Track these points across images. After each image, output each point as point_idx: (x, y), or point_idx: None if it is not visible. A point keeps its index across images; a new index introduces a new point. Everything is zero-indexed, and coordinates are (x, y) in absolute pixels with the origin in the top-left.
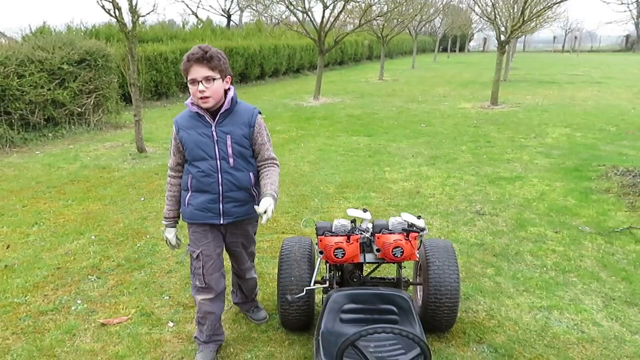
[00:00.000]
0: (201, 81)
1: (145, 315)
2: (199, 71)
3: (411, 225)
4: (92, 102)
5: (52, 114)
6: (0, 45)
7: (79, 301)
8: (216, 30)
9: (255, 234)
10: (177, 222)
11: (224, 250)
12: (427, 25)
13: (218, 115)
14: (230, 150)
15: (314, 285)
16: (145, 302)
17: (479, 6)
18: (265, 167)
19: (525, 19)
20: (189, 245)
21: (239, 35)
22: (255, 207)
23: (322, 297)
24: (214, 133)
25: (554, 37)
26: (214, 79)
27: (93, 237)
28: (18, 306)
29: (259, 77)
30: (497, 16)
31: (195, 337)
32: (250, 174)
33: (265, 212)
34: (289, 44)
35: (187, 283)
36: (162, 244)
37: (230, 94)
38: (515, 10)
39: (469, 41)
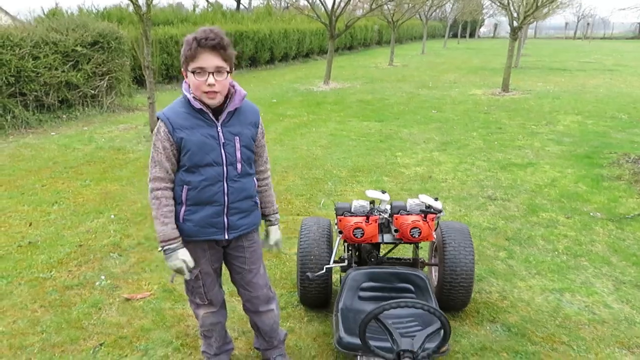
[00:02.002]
0: (212, 73)
1: (167, 291)
2: (211, 60)
3: (429, 206)
4: (105, 85)
5: (66, 96)
6: (15, 27)
7: (102, 277)
8: (226, 13)
9: (262, 251)
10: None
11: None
12: (437, 11)
13: (224, 114)
14: (238, 155)
15: (333, 263)
16: (166, 278)
17: None
18: (267, 178)
19: (538, 4)
20: None
21: (249, 19)
22: (265, 241)
23: (340, 276)
24: (220, 134)
25: (566, 24)
26: (226, 72)
27: (112, 216)
28: (44, 281)
29: (268, 62)
30: (510, 2)
31: (204, 352)
32: (254, 179)
33: (276, 244)
34: (299, 29)
35: None
36: None
37: (240, 90)
38: None
39: (480, 27)
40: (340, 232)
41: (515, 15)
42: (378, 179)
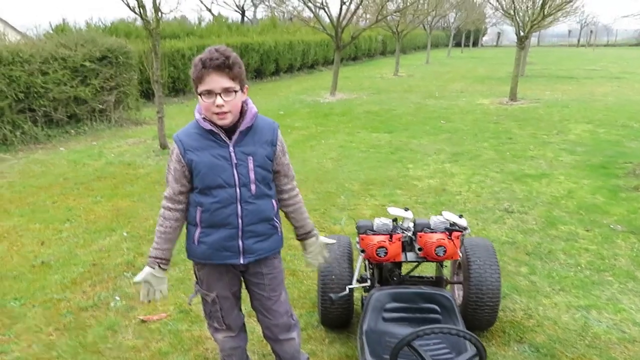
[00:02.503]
0: (220, 94)
1: (183, 312)
2: (217, 81)
3: (453, 224)
4: (113, 99)
5: (74, 111)
6: (24, 43)
7: (117, 297)
8: (232, 26)
9: (284, 276)
10: (166, 266)
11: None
12: (441, 20)
13: (236, 133)
14: (252, 175)
15: (355, 283)
16: (182, 299)
17: (497, 1)
18: (295, 196)
19: (545, 13)
20: (197, 285)
21: (254, 31)
22: (311, 259)
23: (362, 296)
24: (232, 154)
25: (569, 31)
26: (234, 91)
27: (125, 233)
28: (58, 302)
29: (273, 73)
30: (516, 11)
31: None
32: (273, 201)
33: (321, 254)
34: (304, 40)
35: None
36: None
37: (252, 107)
38: (536, 4)
39: (483, 36)
40: (363, 251)
41: (521, 24)
42: (391, 192)
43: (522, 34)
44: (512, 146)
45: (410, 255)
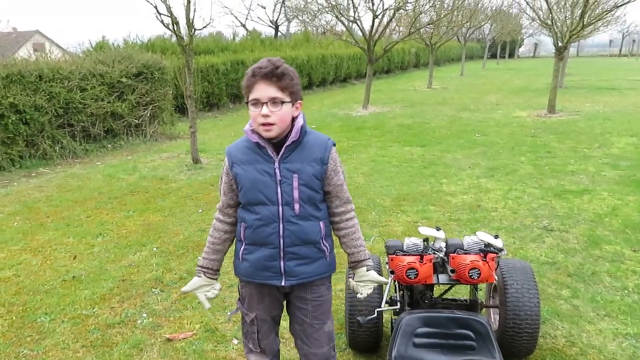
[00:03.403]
0: (266, 103)
1: (209, 331)
2: (264, 90)
3: (488, 245)
4: (148, 114)
5: (111, 126)
6: (65, 60)
7: (144, 315)
8: (265, 41)
9: (331, 305)
10: (213, 276)
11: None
12: (475, 32)
13: (283, 148)
14: (296, 194)
15: (384, 306)
16: (208, 317)
17: (534, 11)
18: (346, 220)
19: (584, 23)
20: (239, 301)
21: (287, 45)
22: (356, 286)
23: (392, 319)
24: (277, 171)
25: (610, 41)
26: (282, 102)
27: (155, 249)
28: (87, 318)
29: (306, 87)
30: (554, 21)
31: None
32: (321, 223)
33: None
34: (336, 54)
35: None
36: None
37: (300, 121)
38: (575, 14)
39: (519, 47)
40: (392, 272)
41: (559, 34)
42: (424, 208)
43: (560, 44)
44: (551, 160)
45: (442, 278)
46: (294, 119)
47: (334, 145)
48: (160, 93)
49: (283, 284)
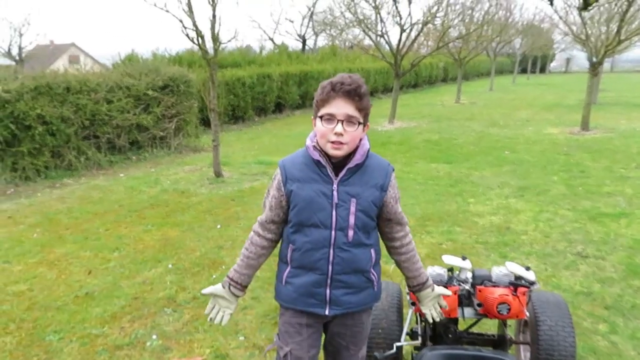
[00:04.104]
0: (342, 121)
1: (220, 356)
2: (343, 107)
3: (519, 277)
4: (173, 126)
5: (136, 138)
6: (92, 72)
7: (154, 336)
8: (292, 55)
9: (369, 331)
10: (239, 292)
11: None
12: (505, 47)
13: (344, 170)
14: (352, 220)
15: (404, 340)
16: (220, 341)
17: (567, 26)
18: (407, 244)
19: (621, 38)
20: (277, 335)
21: (314, 59)
22: (425, 309)
23: (412, 354)
24: (335, 193)
25: None
26: (358, 123)
27: (170, 265)
28: (96, 338)
29: None
30: (589, 36)
31: None
32: (372, 251)
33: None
34: (363, 67)
35: (263, 322)
36: None
37: (366, 144)
38: (610, 29)
39: (550, 62)
40: (413, 304)
41: (594, 50)
42: (449, 229)
43: (595, 59)
44: (585, 180)
45: (468, 311)
46: (359, 141)
47: (394, 170)
48: (186, 106)
49: (327, 313)
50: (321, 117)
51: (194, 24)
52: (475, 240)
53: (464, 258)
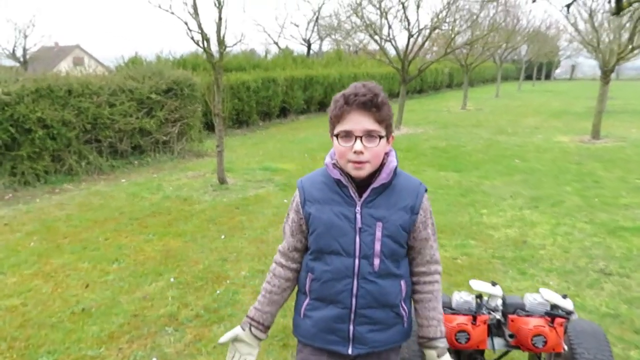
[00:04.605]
0: (360, 137)
1: None
2: (360, 121)
3: (555, 306)
4: (176, 131)
5: (138, 142)
6: (95, 75)
7: (154, 359)
8: (297, 59)
9: None
10: (262, 334)
11: None
12: (512, 53)
13: (368, 190)
14: (377, 247)
15: None
16: None
17: (579, 33)
18: (431, 283)
19: (634, 45)
20: None
21: (319, 64)
22: None
23: None
24: (358, 216)
25: None
26: (379, 137)
27: (172, 279)
28: None
29: None
30: (601, 43)
31: None
32: (402, 282)
33: None
34: (369, 72)
35: (270, 344)
36: (242, 291)
37: (392, 161)
38: (622, 36)
39: (556, 68)
40: None
41: (607, 57)
42: (463, 242)
43: (606, 67)
44: (599, 191)
45: (498, 342)
46: (385, 156)
47: (426, 191)
48: (190, 110)
49: (350, 352)
50: (337, 135)
51: (200, 27)
52: (491, 255)
53: (493, 284)
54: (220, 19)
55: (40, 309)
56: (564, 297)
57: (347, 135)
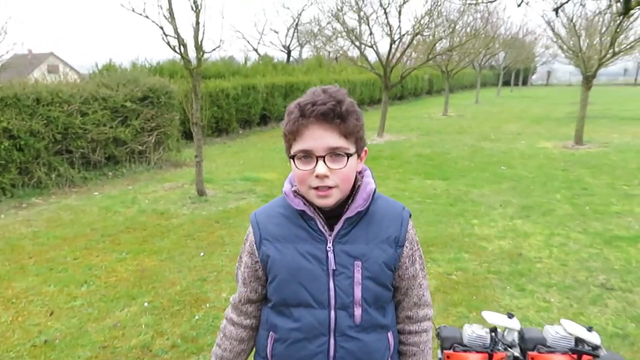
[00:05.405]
0: (323, 157)
1: None
2: (321, 137)
3: (579, 340)
4: (153, 140)
5: (113, 152)
6: (65, 83)
7: None
8: (277, 66)
9: None
10: None
11: None
12: (490, 59)
13: (341, 222)
14: (358, 293)
15: None
16: None
17: (562, 40)
18: (419, 333)
19: (615, 51)
20: None
21: (299, 70)
22: None
23: None
24: (331, 255)
25: (625, 70)
26: (347, 155)
27: (146, 303)
28: None
29: None
30: (582, 49)
31: None
32: (389, 335)
33: None
34: (349, 79)
35: None
36: (223, 316)
37: (369, 183)
38: (604, 42)
39: (532, 74)
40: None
41: (587, 63)
42: (456, 256)
43: (588, 72)
44: (589, 199)
45: None
46: (357, 178)
47: (410, 216)
48: (167, 118)
49: None
50: (294, 157)
51: (176, 31)
52: (487, 270)
53: (510, 316)
54: (197, 23)
55: None
56: (590, 329)
57: (307, 155)
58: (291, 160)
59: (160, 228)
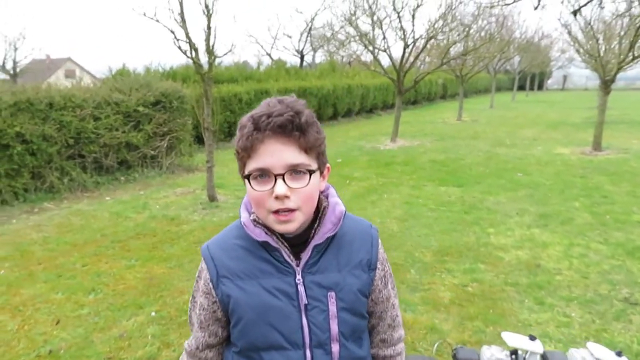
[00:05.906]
0: (282, 175)
1: None
2: (279, 152)
3: None
4: (165, 145)
5: (125, 157)
6: (78, 88)
7: None
8: (290, 70)
9: None
10: None
11: None
12: (505, 64)
13: (309, 250)
14: (334, 327)
15: None
16: None
17: (579, 44)
18: (389, 356)
19: (635, 55)
20: None
21: (312, 75)
22: None
23: None
24: (301, 289)
25: None
26: (309, 172)
27: (153, 313)
28: None
29: (331, 117)
30: (600, 53)
31: None
32: None
33: None
34: (363, 84)
35: None
36: None
37: (335, 203)
38: (623, 46)
39: (547, 79)
40: None
41: (605, 67)
42: (472, 266)
43: (607, 77)
44: (610, 207)
45: None
46: (322, 199)
47: (377, 232)
48: (179, 123)
49: None
50: (249, 176)
51: (187, 35)
52: (504, 281)
53: (532, 338)
54: (209, 27)
55: (2, 352)
56: (619, 354)
57: (263, 174)
58: (246, 180)
59: (171, 234)
